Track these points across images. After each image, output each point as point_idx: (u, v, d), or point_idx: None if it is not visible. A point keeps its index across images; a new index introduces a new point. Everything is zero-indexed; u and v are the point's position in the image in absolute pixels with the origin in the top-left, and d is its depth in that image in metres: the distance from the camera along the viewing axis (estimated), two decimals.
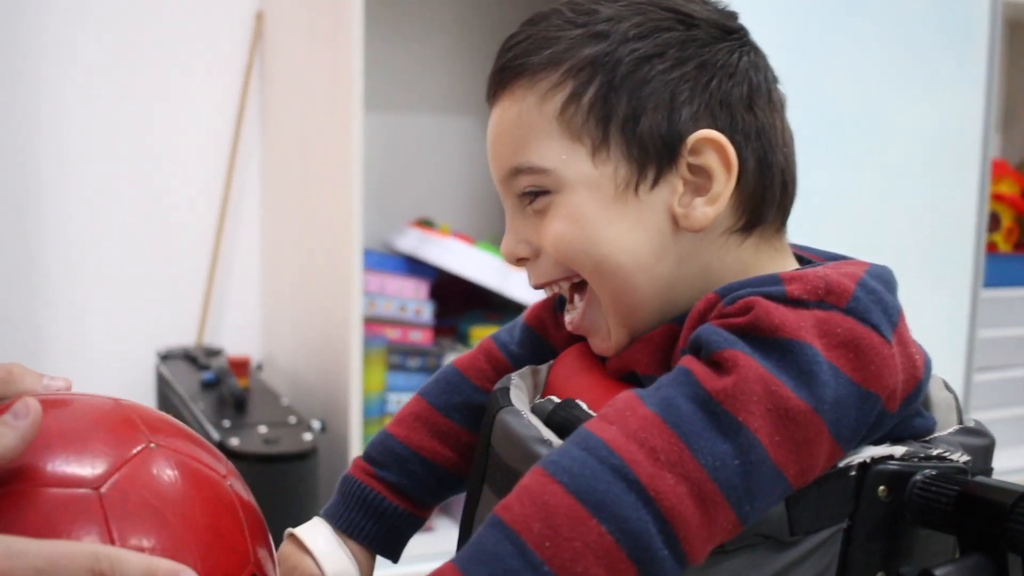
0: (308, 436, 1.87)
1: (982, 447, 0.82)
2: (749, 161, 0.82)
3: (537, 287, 0.89)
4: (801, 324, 0.72)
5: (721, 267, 0.83)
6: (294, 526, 0.97)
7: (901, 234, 2.43)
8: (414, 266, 2.33)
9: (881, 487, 0.76)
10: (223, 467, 0.76)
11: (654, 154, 0.81)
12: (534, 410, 0.83)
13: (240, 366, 2.11)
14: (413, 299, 2.30)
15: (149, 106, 2.43)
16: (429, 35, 2.60)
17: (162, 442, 0.71)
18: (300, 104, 2.29)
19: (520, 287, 2.30)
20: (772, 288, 0.75)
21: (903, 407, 0.78)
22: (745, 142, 0.82)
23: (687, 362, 0.73)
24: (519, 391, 0.88)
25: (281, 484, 1.80)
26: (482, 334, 2.33)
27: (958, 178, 2.54)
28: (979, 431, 0.84)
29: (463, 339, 2.40)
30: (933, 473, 0.76)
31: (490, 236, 2.58)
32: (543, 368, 0.93)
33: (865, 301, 0.75)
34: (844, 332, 0.73)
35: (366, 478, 0.98)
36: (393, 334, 2.28)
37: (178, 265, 2.48)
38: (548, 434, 0.79)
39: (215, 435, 1.83)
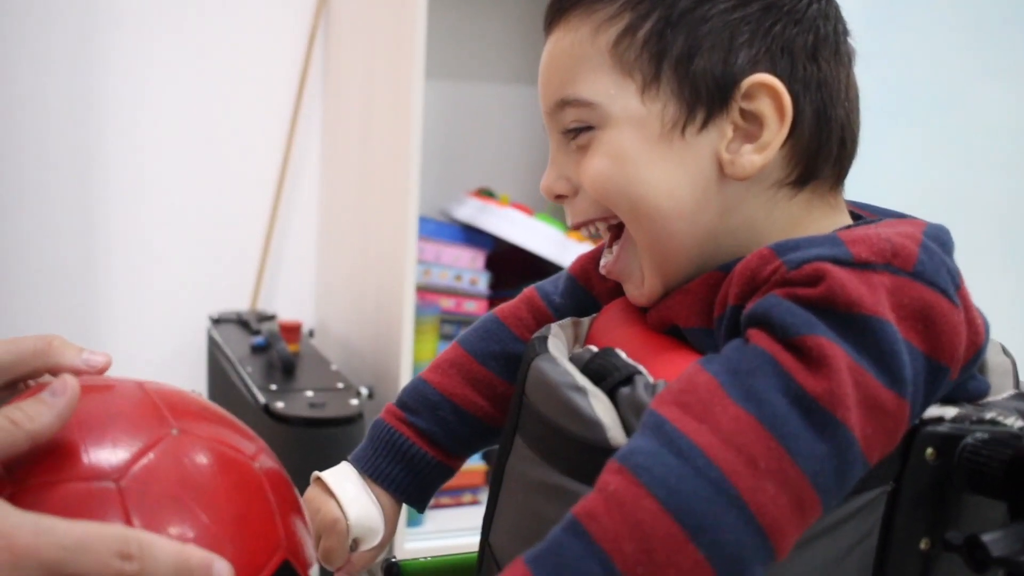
0: (355, 402, 1.85)
1: None
2: (806, 112, 0.78)
3: (575, 227, 0.86)
4: (877, 299, 0.68)
5: (768, 221, 0.80)
6: None
7: (976, 220, 2.36)
8: (471, 235, 2.31)
9: (929, 449, 0.72)
10: (251, 446, 0.74)
11: (706, 95, 0.78)
12: (572, 359, 0.80)
13: (292, 331, 2.09)
14: (469, 269, 2.28)
15: (212, 70, 2.43)
16: (493, 4, 2.57)
17: (186, 427, 0.69)
18: (362, 71, 2.28)
19: None
20: (837, 251, 0.70)
21: (962, 373, 0.74)
22: (804, 92, 0.78)
23: (763, 343, 0.68)
24: (558, 340, 0.85)
25: (325, 448, 1.78)
26: None
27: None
28: None
29: None
30: (985, 437, 0.72)
31: (550, 207, 2.55)
32: (585, 321, 0.90)
33: (930, 264, 0.71)
34: (913, 301, 0.69)
35: (396, 423, 0.95)
36: (447, 303, 2.26)
37: (235, 230, 2.48)
38: (583, 381, 0.75)
39: (261, 398, 1.82)
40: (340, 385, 1.94)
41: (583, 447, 0.73)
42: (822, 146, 0.80)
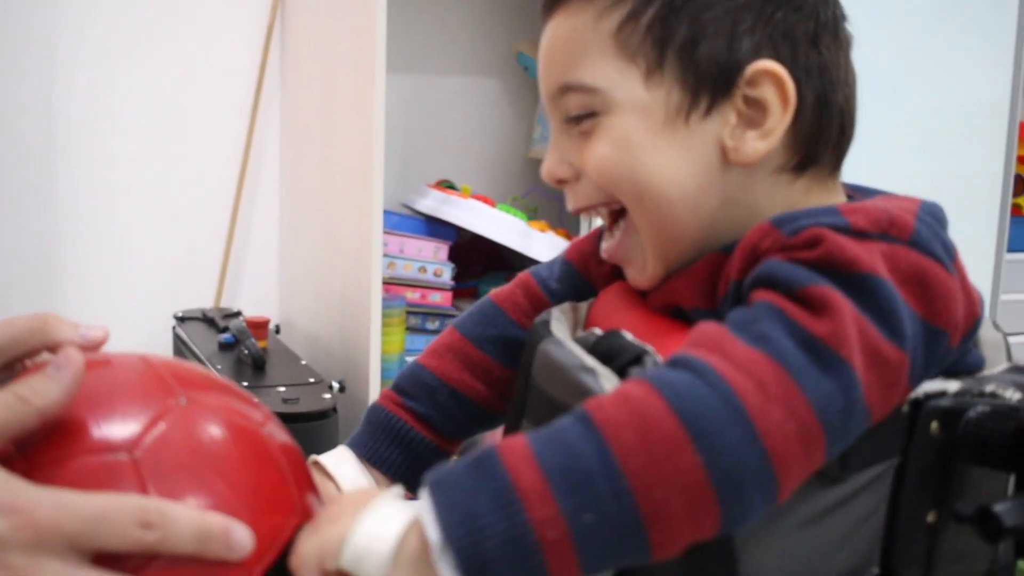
0: (327, 396, 1.85)
1: None
2: (808, 98, 0.79)
3: (576, 211, 0.87)
4: (874, 260, 0.69)
5: (769, 205, 0.80)
6: None
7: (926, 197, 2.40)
8: (434, 227, 2.31)
9: (934, 423, 0.73)
10: (259, 414, 0.74)
11: (709, 82, 0.78)
12: (577, 342, 0.80)
13: (259, 327, 2.08)
14: (433, 261, 2.28)
15: (168, 67, 2.41)
16: None
17: (194, 397, 0.69)
18: (322, 65, 2.27)
19: (543, 248, 2.27)
20: (834, 220, 0.72)
21: (962, 343, 0.75)
22: (806, 78, 0.79)
23: (768, 297, 0.69)
24: (560, 324, 0.85)
25: (300, 443, 1.77)
26: None
27: (984, 143, 2.52)
28: None
29: None
30: (986, 410, 0.74)
31: (511, 198, 2.56)
32: (583, 305, 0.91)
33: (926, 234, 0.72)
34: (909, 267, 0.71)
35: (394, 408, 0.95)
36: (412, 296, 2.26)
37: (197, 228, 2.46)
38: (592, 362, 0.76)
39: None
40: (311, 380, 1.93)
41: None
42: (823, 131, 0.81)
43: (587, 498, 0.61)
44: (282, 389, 1.86)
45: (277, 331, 2.35)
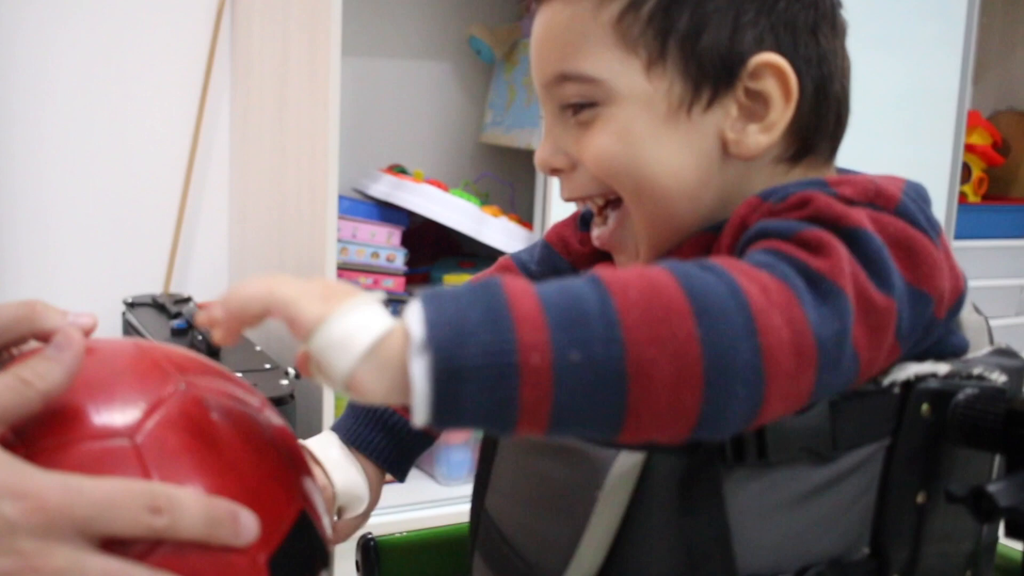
0: (285, 382, 1.83)
1: (1016, 368, 0.81)
2: (808, 89, 0.79)
3: (569, 200, 0.86)
4: (860, 216, 0.70)
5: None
6: None
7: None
8: (386, 212, 2.29)
9: (924, 405, 0.74)
10: (256, 399, 0.73)
11: (712, 74, 0.77)
12: None
13: None
14: (385, 246, 2.26)
15: (115, 51, 2.36)
16: None
17: (192, 382, 0.68)
18: (273, 47, 2.24)
19: (496, 234, 2.26)
20: (822, 188, 0.73)
21: (948, 317, 0.76)
22: (806, 69, 0.79)
23: (769, 244, 0.69)
24: None
25: None
26: (455, 281, 2.30)
27: (934, 131, 2.54)
28: (1013, 353, 0.83)
29: (436, 286, 2.36)
30: (975, 392, 0.75)
31: (463, 183, 2.55)
32: None
33: (912, 207, 0.73)
34: (896, 231, 0.71)
35: None
36: (365, 281, 2.24)
37: (145, 212, 2.42)
38: None
39: None
40: (267, 366, 1.91)
41: None
42: (820, 121, 0.81)
43: (578, 337, 0.58)
44: (239, 375, 1.84)
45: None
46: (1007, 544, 0.85)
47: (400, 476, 0.96)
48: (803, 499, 0.72)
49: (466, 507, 0.90)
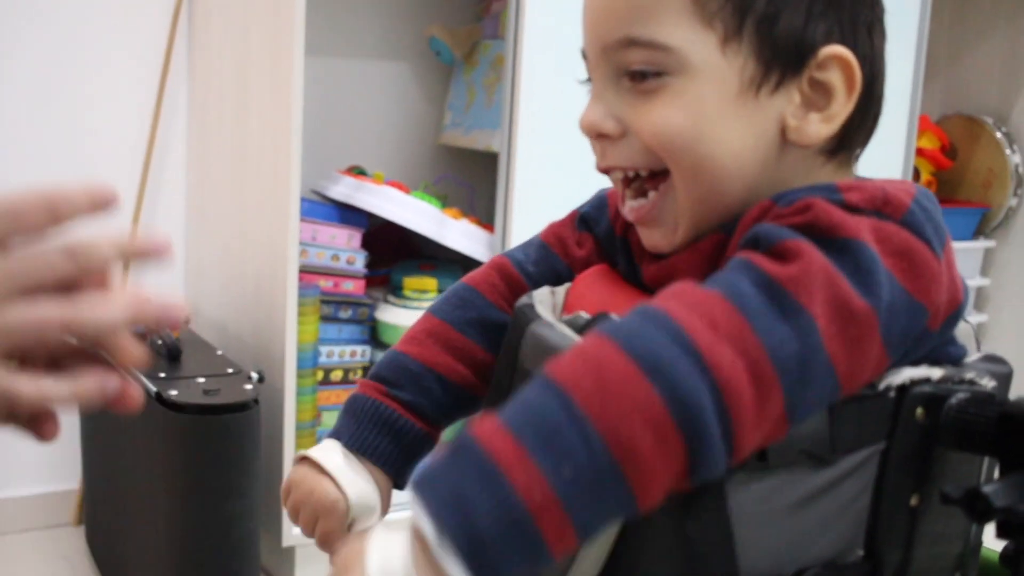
0: (249, 387, 1.82)
1: (1004, 374, 0.83)
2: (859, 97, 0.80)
3: (606, 170, 0.84)
4: (859, 227, 0.71)
5: (801, 183, 0.81)
6: (237, 478, 0.91)
7: None
8: (346, 214, 2.28)
9: (919, 409, 0.75)
10: None
11: (783, 58, 0.78)
12: (566, 324, 0.80)
13: None
14: (345, 248, 2.25)
15: (68, 51, 2.33)
16: None
17: None
18: (233, 48, 2.22)
19: (458, 236, 2.26)
20: (830, 194, 0.73)
21: (943, 328, 0.77)
22: (861, 66, 0.79)
23: (746, 255, 0.71)
24: (544, 308, 0.85)
25: (222, 435, 1.75)
26: (416, 284, 2.30)
27: (886, 134, 2.56)
28: (1001, 359, 0.84)
29: (396, 290, 2.35)
30: (967, 397, 0.76)
31: (423, 185, 2.54)
32: (560, 290, 0.90)
33: (920, 216, 0.74)
34: (899, 241, 0.72)
35: (379, 396, 0.93)
36: (325, 284, 2.23)
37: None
38: None
39: (152, 387, 1.77)
40: (230, 370, 1.90)
41: None
42: (864, 118, 0.82)
43: (560, 451, 0.61)
44: (201, 380, 1.83)
45: (187, 320, 2.29)
46: (987, 547, 0.86)
47: (402, 483, 0.94)
48: (802, 502, 0.73)
49: None
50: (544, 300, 0.87)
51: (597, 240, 0.95)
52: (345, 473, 0.89)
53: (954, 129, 3.25)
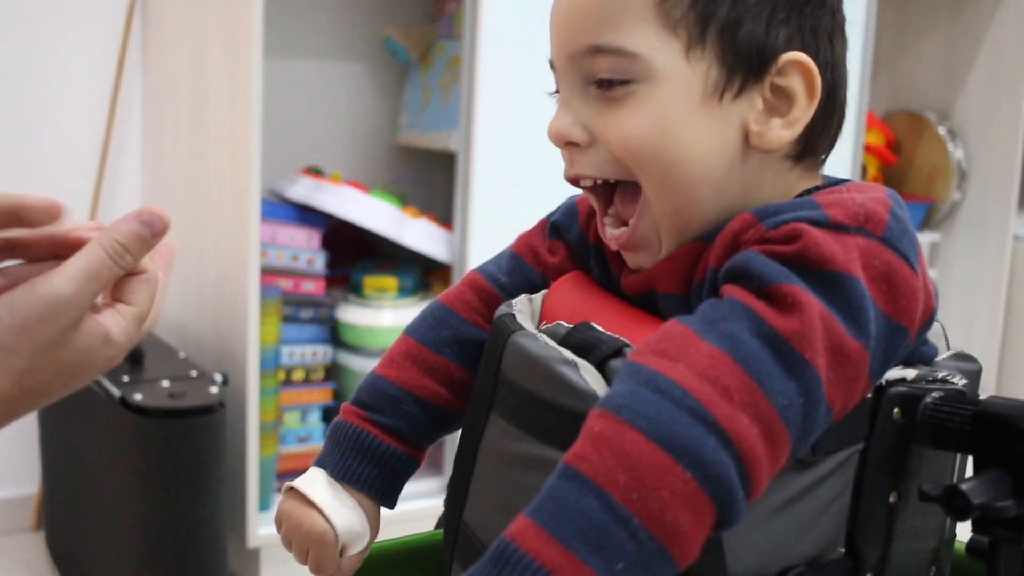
0: (214, 390, 1.82)
1: (974, 371, 0.85)
2: (821, 94, 0.81)
3: (574, 179, 0.85)
4: (849, 257, 0.72)
5: (772, 193, 0.83)
6: (203, 481, 0.92)
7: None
8: (305, 215, 2.28)
9: (896, 409, 0.77)
10: None
11: (745, 64, 0.79)
12: (547, 334, 0.81)
13: None
14: (305, 248, 2.26)
15: (23, 52, 2.31)
16: None
17: None
18: (189, 49, 2.22)
19: (417, 235, 2.27)
20: (814, 213, 0.75)
21: (919, 336, 0.80)
22: (823, 73, 0.81)
23: (738, 294, 0.72)
24: (524, 317, 0.86)
25: (188, 439, 1.75)
26: (376, 284, 2.31)
27: None
28: (971, 357, 0.86)
29: (356, 289, 2.36)
30: (941, 395, 0.78)
31: (381, 184, 2.55)
32: (537, 297, 0.91)
33: (897, 230, 0.76)
34: (881, 264, 0.74)
35: (360, 422, 0.93)
36: (286, 285, 2.23)
37: None
38: (570, 355, 0.77)
39: (116, 391, 1.77)
40: (194, 373, 1.90)
41: (577, 419, 0.74)
42: (825, 125, 0.83)
43: (611, 551, 0.64)
44: (166, 383, 1.83)
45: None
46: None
47: (390, 504, 0.95)
48: (785, 504, 0.75)
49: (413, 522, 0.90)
50: (523, 309, 0.87)
51: (569, 247, 0.95)
52: (330, 504, 0.90)
53: (899, 125, 3.31)
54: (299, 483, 0.92)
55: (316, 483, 0.92)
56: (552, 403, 0.77)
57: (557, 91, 0.86)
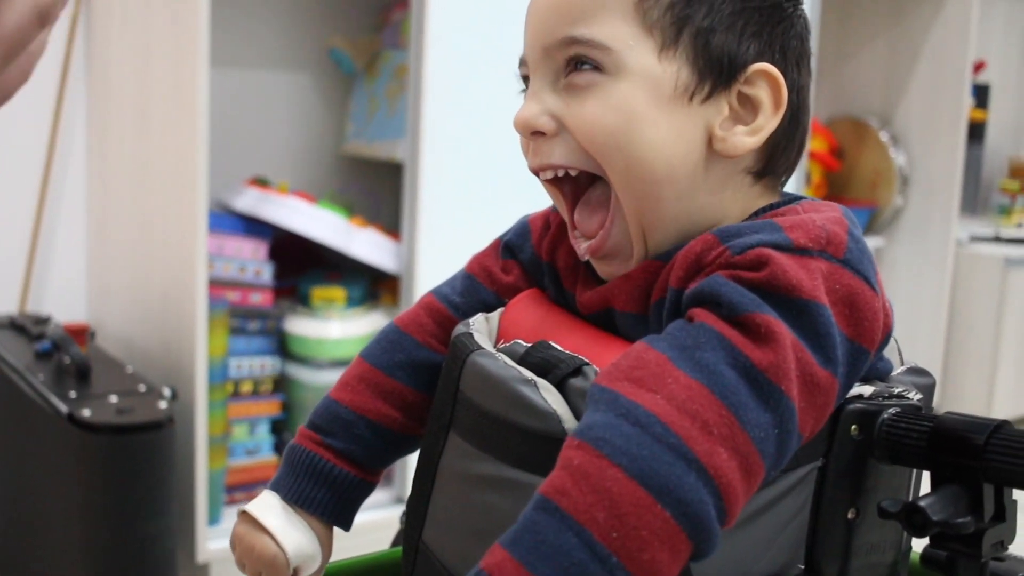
0: (163, 405, 1.80)
1: (928, 385, 0.86)
2: (783, 120, 0.83)
3: (539, 169, 0.85)
4: (815, 284, 0.73)
5: (733, 205, 0.84)
6: (153, 498, 0.92)
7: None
8: (251, 226, 2.27)
9: (854, 426, 0.78)
10: None
11: (715, 70, 0.80)
12: (505, 353, 0.81)
13: (78, 334, 2.00)
14: (252, 260, 2.24)
15: None
16: None
17: None
18: (134, 58, 2.19)
19: (365, 246, 2.26)
20: (777, 236, 0.75)
21: (877, 355, 0.80)
22: (789, 91, 0.82)
23: (710, 320, 0.72)
24: (482, 336, 0.86)
25: (138, 455, 1.72)
26: (324, 295, 2.29)
27: None
28: (924, 371, 0.87)
29: (304, 300, 2.35)
30: (897, 411, 0.78)
31: (329, 194, 2.54)
32: (494, 316, 0.91)
33: (856, 251, 0.77)
34: (843, 287, 0.75)
35: (313, 447, 0.94)
36: (233, 297, 2.21)
37: None
38: (530, 374, 0.77)
39: (63, 407, 1.74)
40: (142, 388, 1.88)
41: (536, 439, 0.75)
42: (787, 145, 0.84)
43: None
44: (114, 399, 1.80)
45: (92, 337, 2.26)
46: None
47: (346, 526, 0.96)
48: (744, 522, 0.75)
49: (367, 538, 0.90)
50: (481, 328, 0.87)
51: (522, 266, 0.96)
52: (281, 528, 0.91)
53: (842, 131, 3.34)
54: (251, 507, 0.93)
55: (267, 507, 0.93)
56: (512, 423, 0.77)
57: (525, 89, 0.87)
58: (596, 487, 0.65)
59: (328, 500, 0.93)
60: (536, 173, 0.86)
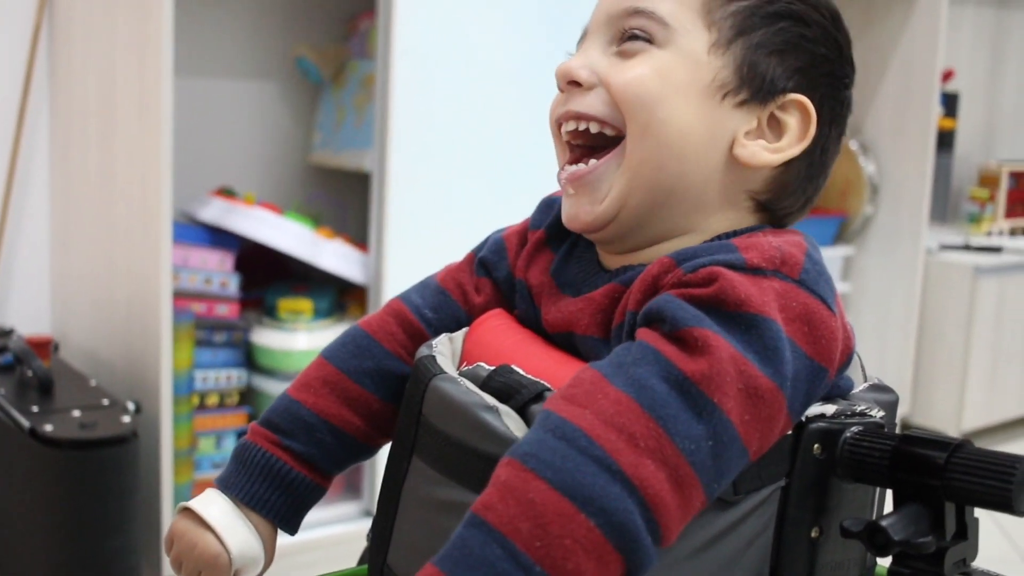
0: (127, 419, 1.78)
1: (891, 402, 0.86)
2: (803, 162, 0.85)
3: (563, 118, 0.87)
4: (765, 300, 0.74)
5: (720, 219, 0.85)
6: (117, 514, 0.90)
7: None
8: (217, 237, 2.25)
9: (816, 445, 0.78)
10: None
11: (756, 83, 0.83)
12: (466, 377, 0.81)
13: (41, 347, 1.98)
14: (218, 271, 2.22)
15: None
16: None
17: None
18: (97, 68, 2.17)
19: (332, 257, 2.25)
20: (731, 256, 0.76)
21: (837, 375, 0.80)
22: (815, 141, 0.85)
23: (649, 337, 0.73)
24: (445, 359, 0.85)
25: (101, 470, 1.71)
26: (290, 306, 2.28)
27: None
28: (887, 388, 0.87)
29: (270, 312, 2.33)
30: (860, 430, 0.78)
31: (295, 205, 2.52)
32: (457, 336, 0.91)
33: (813, 272, 0.78)
34: (798, 306, 0.75)
35: (270, 447, 0.92)
36: (199, 308, 2.19)
37: None
38: (492, 400, 0.77)
39: (25, 422, 1.72)
40: (105, 402, 1.86)
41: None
42: (795, 192, 0.86)
43: None
44: (77, 413, 1.78)
45: (56, 349, 2.23)
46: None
47: (293, 530, 0.94)
48: (706, 546, 0.75)
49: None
50: (444, 351, 0.87)
51: (496, 285, 0.96)
52: (227, 526, 0.89)
53: None
54: (194, 503, 0.91)
55: (212, 503, 0.91)
56: (474, 449, 0.77)
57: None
58: (520, 499, 0.66)
59: (280, 503, 0.92)
60: (558, 122, 0.88)
